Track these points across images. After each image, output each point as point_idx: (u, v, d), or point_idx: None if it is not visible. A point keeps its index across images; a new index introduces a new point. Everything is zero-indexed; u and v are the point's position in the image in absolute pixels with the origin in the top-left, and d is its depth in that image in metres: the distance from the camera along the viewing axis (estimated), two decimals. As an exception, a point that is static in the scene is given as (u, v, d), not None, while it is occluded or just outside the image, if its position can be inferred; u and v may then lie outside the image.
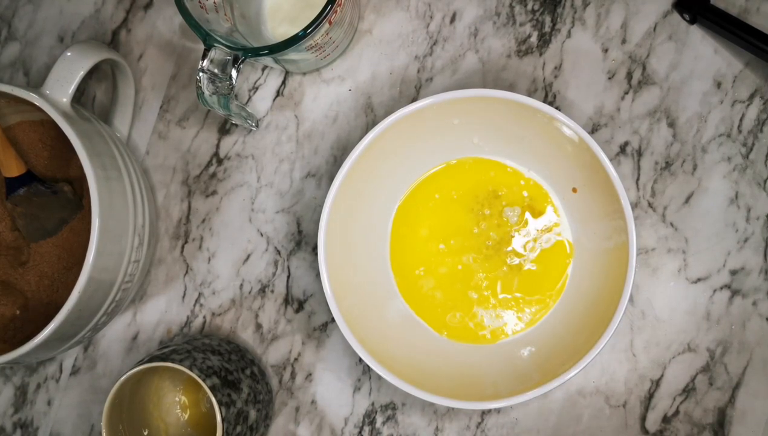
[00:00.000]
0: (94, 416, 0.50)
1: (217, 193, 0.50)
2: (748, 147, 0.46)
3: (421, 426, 0.47)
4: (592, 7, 0.48)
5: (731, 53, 0.47)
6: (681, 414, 0.46)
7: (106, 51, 0.45)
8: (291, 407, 0.49)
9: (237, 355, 0.46)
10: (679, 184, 0.47)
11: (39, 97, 0.42)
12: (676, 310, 0.46)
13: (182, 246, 0.51)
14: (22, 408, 0.51)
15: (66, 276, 0.48)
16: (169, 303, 0.50)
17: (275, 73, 0.50)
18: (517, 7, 0.48)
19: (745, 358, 0.45)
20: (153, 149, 0.51)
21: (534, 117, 0.42)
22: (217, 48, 0.40)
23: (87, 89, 0.52)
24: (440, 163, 0.47)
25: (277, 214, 0.50)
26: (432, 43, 0.49)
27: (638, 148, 0.47)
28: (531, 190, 0.46)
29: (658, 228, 0.47)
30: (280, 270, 0.49)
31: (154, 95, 0.51)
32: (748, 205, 0.46)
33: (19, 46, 0.53)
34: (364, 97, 0.49)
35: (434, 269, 0.47)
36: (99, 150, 0.43)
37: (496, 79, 0.48)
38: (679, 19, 0.47)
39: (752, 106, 0.46)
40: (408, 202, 0.47)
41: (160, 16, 0.52)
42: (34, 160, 0.49)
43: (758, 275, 0.46)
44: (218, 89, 0.40)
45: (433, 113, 0.43)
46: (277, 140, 0.50)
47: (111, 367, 0.51)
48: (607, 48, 0.47)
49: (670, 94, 0.47)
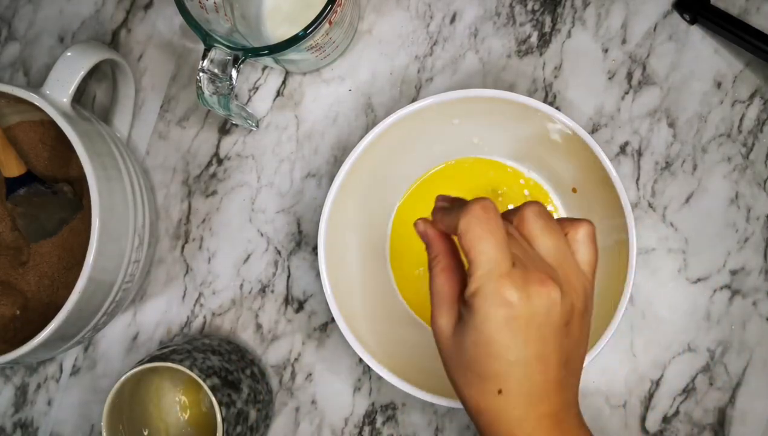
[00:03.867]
0: (94, 416, 0.50)
1: (217, 194, 0.50)
2: (748, 147, 0.46)
3: (421, 426, 0.47)
4: (592, 8, 0.48)
5: (731, 53, 0.47)
6: (681, 414, 0.45)
7: (106, 51, 0.45)
8: (291, 407, 0.49)
9: (237, 355, 0.46)
10: (679, 184, 0.47)
11: (39, 97, 0.42)
12: (676, 310, 0.46)
13: (182, 246, 0.51)
14: (22, 408, 0.51)
15: (66, 276, 0.48)
16: (169, 303, 0.50)
17: (275, 73, 0.50)
18: (517, 7, 0.48)
19: (745, 358, 0.45)
20: (153, 149, 0.51)
21: (534, 117, 0.42)
22: (217, 48, 0.40)
23: (87, 89, 0.52)
24: (440, 163, 0.47)
25: (278, 215, 0.50)
26: (432, 44, 0.49)
27: (638, 149, 0.47)
28: (531, 190, 0.46)
29: (658, 228, 0.47)
30: (280, 270, 0.49)
31: (154, 95, 0.51)
32: (748, 205, 0.46)
33: (19, 46, 0.53)
34: (364, 98, 0.49)
35: (434, 269, 0.47)
36: (99, 150, 0.43)
37: (496, 80, 0.48)
38: (679, 19, 0.47)
39: (752, 107, 0.46)
40: (408, 202, 0.47)
41: (160, 16, 0.52)
42: (34, 160, 0.49)
43: (758, 275, 0.46)
44: (218, 89, 0.40)
45: (433, 113, 0.43)
46: (277, 140, 0.50)
47: (111, 367, 0.51)
48: (607, 48, 0.47)
49: (670, 94, 0.47)
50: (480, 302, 0.29)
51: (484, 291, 0.29)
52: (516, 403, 0.30)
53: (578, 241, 0.33)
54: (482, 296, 0.29)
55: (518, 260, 0.30)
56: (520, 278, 0.29)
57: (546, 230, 0.32)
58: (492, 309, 0.29)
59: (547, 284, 0.29)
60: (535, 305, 0.29)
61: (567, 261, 0.32)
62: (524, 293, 0.29)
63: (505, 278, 0.29)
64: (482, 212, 0.30)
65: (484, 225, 0.30)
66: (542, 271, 0.30)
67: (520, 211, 0.32)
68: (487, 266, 0.29)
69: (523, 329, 0.29)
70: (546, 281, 0.30)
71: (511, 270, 0.29)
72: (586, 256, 0.33)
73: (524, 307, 0.29)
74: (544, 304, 0.29)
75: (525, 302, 0.29)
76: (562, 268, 0.31)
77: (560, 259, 0.31)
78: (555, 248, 0.31)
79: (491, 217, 0.30)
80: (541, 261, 0.31)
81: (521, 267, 0.30)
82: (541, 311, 0.29)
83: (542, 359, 0.30)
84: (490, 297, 0.29)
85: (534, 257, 0.31)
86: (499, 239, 0.29)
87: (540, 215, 0.32)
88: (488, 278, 0.29)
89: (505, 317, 0.29)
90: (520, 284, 0.29)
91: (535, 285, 0.29)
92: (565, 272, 0.31)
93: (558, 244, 0.32)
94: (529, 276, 0.30)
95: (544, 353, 0.30)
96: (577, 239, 0.33)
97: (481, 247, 0.29)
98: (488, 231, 0.30)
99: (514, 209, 0.33)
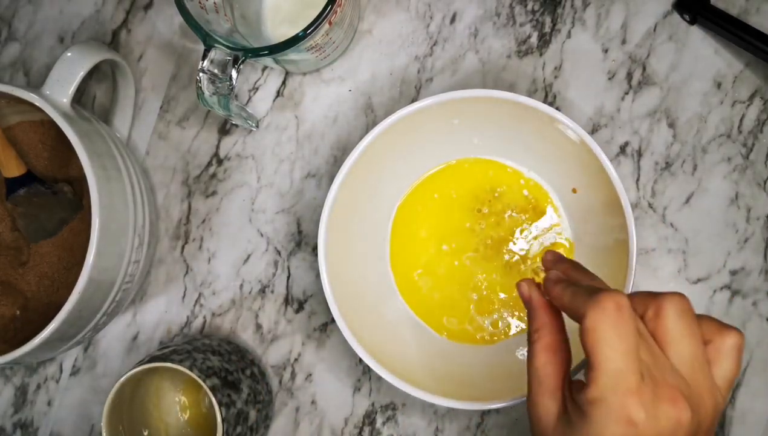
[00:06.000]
0: (94, 417, 0.50)
1: (217, 194, 0.50)
2: (748, 147, 0.46)
3: (421, 426, 0.47)
4: (592, 8, 0.48)
5: (731, 53, 0.47)
6: (681, 414, 0.45)
7: (106, 51, 0.45)
8: (291, 407, 0.49)
9: (237, 355, 0.46)
10: (679, 184, 0.47)
11: (39, 98, 0.42)
12: (676, 310, 0.46)
13: (182, 246, 0.51)
14: (22, 408, 0.51)
15: (66, 276, 0.48)
16: (169, 303, 0.50)
17: (275, 74, 0.50)
18: (517, 8, 0.48)
19: (745, 358, 0.45)
20: (153, 149, 0.51)
21: (534, 117, 0.42)
22: (217, 48, 0.40)
23: (87, 89, 0.52)
24: (440, 164, 0.47)
25: (277, 215, 0.50)
26: (432, 44, 0.49)
27: (638, 149, 0.47)
28: (531, 191, 0.46)
29: (658, 228, 0.47)
30: (280, 270, 0.49)
31: (154, 95, 0.51)
32: (748, 205, 0.46)
33: (19, 47, 0.53)
34: (364, 98, 0.49)
35: (434, 269, 0.47)
36: (99, 150, 0.43)
37: (496, 80, 0.48)
38: (679, 19, 0.47)
39: (752, 107, 0.46)
40: (408, 202, 0.47)
41: (160, 16, 0.52)
42: (34, 161, 0.49)
43: (758, 275, 0.46)
44: (218, 90, 0.40)
45: (433, 114, 0.43)
46: (277, 141, 0.50)
47: (111, 367, 0.51)
48: (607, 48, 0.47)
49: (670, 94, 0.47)
50: (599, 415, 0.26)
51: (607, 404, 0.26)
52: None
53: (722, 353, 0.29)
54: (603, 408, 0.26)
55: (647, 371, 0.27)
56: (649, 396, 0.26)
57: (685, 334, 0.28)
58: (612, 426, 0.26)
59: (678, 405, 0.26)
60: (661, 427, 0.26)
61: (703, 374, 0.28)
62: (652, 413, 0.26)
63: (634, 396, 0.26)
64: (615, 312, 0.26)
65: (616, 328, 0.26)
66: (674, 386, 0.27)
67: (656, 303, 0.28)
68: (613, 376, 0.26)
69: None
70: (677, 400, 0.26)
71: (640, 385, 0.26)
72: (727, 372, 0.29)
73: (650, 428, 0.26)
74: (671, 426, 0.26)
75: (651, 424, 0.26)
76: (696, 381, 0.28)
77: (696, 371, 0.28)
78: (692, 357, 0.28)
79: (625, 319, 0.26)
80: (673, 372, 0.27)
81: (650, 380, 0.26)
82: (666, 432, 0.26)
83: None
84: (613, 413, 0.26)
85: (664, 366, 0.27)
86: (630, 346, 0.26)
87: (682, 315, 0.28)
88: (613, 390, 0.26)
89: (625, 434, 0.26)
90: (649, 403, 0.26)
91: (665, 405, 0.26)
92: (698, 386, 0.28)
93: (696, 353, 0.28)
94: (660, 393, 0.26)
95: None
96: (721, 351, 0.29)
97: (608, 353, 0.26)
98: (619, 336, 0.26)
99: (649, 297, 0.29)
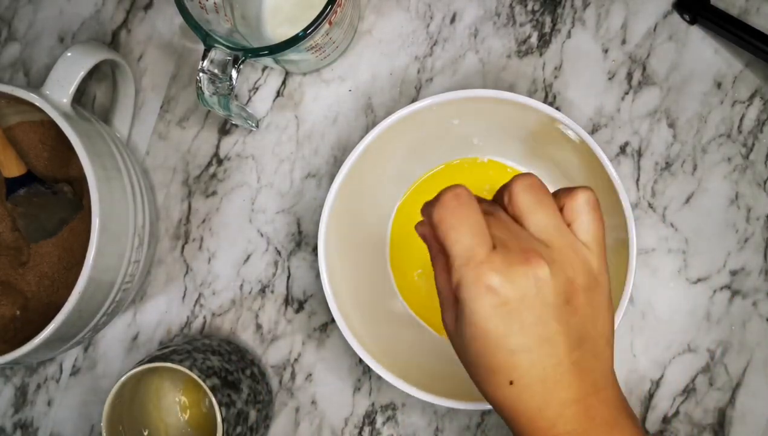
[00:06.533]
0: (94, 417, 0.50)
1: (217, 194, 0.50)
2: (748, 147, 0.46)
3: (421, 426, 0.47)
4: (592, 8, 0.48)
5: (731, 53, 0.47)
6: (681, 415, 0.45)
7: (106, 51, 0.45)
8: (291, 407, 0.49)
9: (237, 355, 0.46)
10: (679, 184, 0.47)
11: (39, 98, 0.42)
12: (676, 310, 0.46)
13: (182, 246, 0.51)
14: (22, 408, 0.51)
15: (66, 276, 0.48)
16: (169, 303, 0.50)
17: (275, 74, 0.50)
18: (517, 8, 0.48)
19: (745, 358, 0.45)
20: (153, 150, 0.51)
21: (534, 117, 0.42)
22: (217, 48, 0.40)
23: (87, 89, 0.52)
24: (440, 163, 0.47)
25: (277, 215, 0.50)
26: (432, 44, 0.49)
27: (638, 149, 0.47)
28: (531, 191, 0.46)
29: (658, 228, 0.47)
30: (280, 270, 0.49)
31: (154, 95, 0.51)
32: (748, 205, 0.46)
33: (19, 47, 0.53)
34: (364, 98, 0.49)
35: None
36: (99, 150, 0.43)
37: (496, 80, 0.48)
38: (679, 19, 0.47)
39: (752, 107, 0.46)
40: (408, 202, 0.47)
41: (160, 16, 0.52)
42: (34, 161, 0.49)
43: (758, 275, 0.46)
44: (218, 90, 0.40)
45: (433, 114, 0.43)
46: (277, 141, 0.50)
47: (111, 367, 0.51)
48: (607, 48, 0.47)
49: (670, 94, 0.47)
50: (464, 294, 0.28)
51: (465, 281, 0.27)
52: (531, 392, 0.28)
53: (575, 210, 0.30)
54: (464, 287, 0.27)
55: (500, 242, 0.28)
56: (500, 261, 0.27)
57: (535, 204, 0.29)
58: (477, 299, 0.27)
59: (531, 262, 0.27)
60: (521, 287, 0.27)
61: (561, 235, 0.29)
62: (506, 275, 0.27)
63: (484, 264, 0.27)
64: (453, 200, 0.28)
65: (456, 212, 0.28)
66: (527, 249, 0.28)
67: (507, 188, 0.30)
68: (464, 254, 0.27)
69: (514, 314, 0.27)
70: (529, 259, 0.27)
71: (489, 254, 0.27)
72: (586, 225, 0.30)
73: (510, 290, 0.27)
74: (531, 284, 0.27)
75: (509, 285, 0.27)
76: (555, 242, 0.29)
77: (553, 234, 0.29)
78: (546, 223, 0.29)
79: (462, 202, 0.28)
80: (530, 239, 0.29)
81: (503, 249, 0.28)
82: (530, 291, 0.27)
83: (547, 342, 0.28)
84: (472, 287, 0.27)
85: (522, 236, 0.29)
86: (472, 223, 0.28)
87: (528, 189, 0.29)
88: (467, 267, 0.27)
89: (492, 304, 0.27)
90: (501, 267, 0.27)
91: (517, 266, 0.27)
92: (559, 247, 0.29)
93: (549, 218, 0.29)
94: (511, 257, 0.27)
95: (547, 336, 0.28)
96: (575, 210, 0.30)
97: (454, 236, 0.28)
98: (460, 218, 0.28)
99: (504, 186, 0.31)
